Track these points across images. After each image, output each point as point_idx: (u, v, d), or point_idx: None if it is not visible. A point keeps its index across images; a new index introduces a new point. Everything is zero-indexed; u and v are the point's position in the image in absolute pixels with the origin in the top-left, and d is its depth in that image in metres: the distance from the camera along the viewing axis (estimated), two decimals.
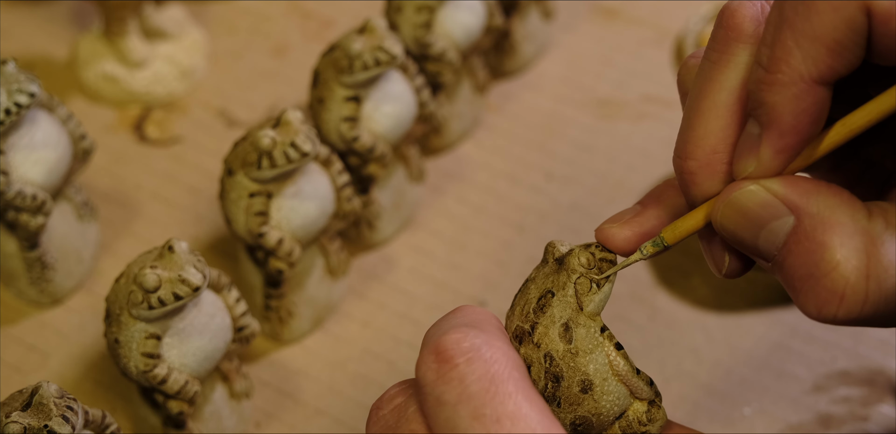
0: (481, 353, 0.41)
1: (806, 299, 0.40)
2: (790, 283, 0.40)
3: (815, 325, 0.66)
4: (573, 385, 0.44)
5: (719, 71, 0.42)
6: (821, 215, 0.40)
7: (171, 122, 0.76)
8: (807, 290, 0.40)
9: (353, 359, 0.65)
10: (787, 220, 0.40)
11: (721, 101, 0.41)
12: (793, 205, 0.40)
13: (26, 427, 0.49)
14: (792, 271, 0.40)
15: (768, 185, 0.41)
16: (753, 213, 0.41)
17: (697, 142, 0.42)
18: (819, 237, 0.39)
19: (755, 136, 0.40)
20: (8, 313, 0.66)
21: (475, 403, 0.40)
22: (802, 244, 0.39)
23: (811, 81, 0.39)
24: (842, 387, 0.64)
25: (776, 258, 0.40)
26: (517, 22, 0.76)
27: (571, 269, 0.44)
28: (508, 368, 0.41)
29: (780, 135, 0.40)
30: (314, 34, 0.81)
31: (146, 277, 0.53)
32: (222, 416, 0.60)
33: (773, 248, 0.40)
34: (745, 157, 0.41)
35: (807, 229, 0.40)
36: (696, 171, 0.42)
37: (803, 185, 0.40)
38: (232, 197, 0.61)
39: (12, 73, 0.60)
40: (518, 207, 0.72)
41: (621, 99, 0.77)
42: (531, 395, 0.41)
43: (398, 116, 0.66)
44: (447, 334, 0.42)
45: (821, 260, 0.39)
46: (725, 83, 0.41)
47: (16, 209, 0.61)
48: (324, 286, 0.66)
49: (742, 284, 0.68)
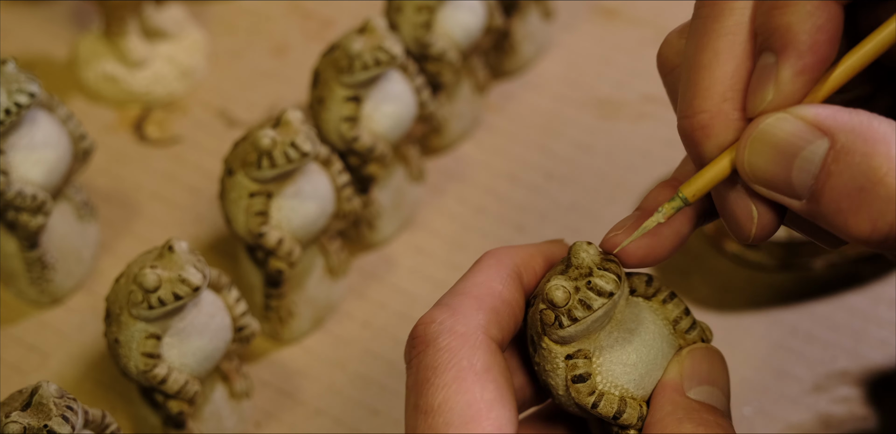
0: (438, 340, 0.41)
1: (858, 217, 0.37)
2: (835, 206, 0.38)
3: (815, 325, 0.66)
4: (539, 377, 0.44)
5: (715, 20, 0.40)
6: (857, 129, 0.37)
7: (171, 122, 0.76)
8: (857, 206, 0.37)
9: (353, 359, 0.65)
10: (820, 143, 0.38)
11: (723, 48, 0.40)
12: (825, 126, 0.38)
13: (26, 427, 0.49)
14: (835, 193, 0.37)
15: (795, 112, 0.38)
16: (784, 143, 0.38)
17: (704, 93, 0.40)
18: (861, 148, 0.37)
19: (770, 66, 0.39)
20: (8, 313, 0.66)
21: (415, 393, 0.41)
22: (843, 161, 0.37)
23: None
24: (842, 387, 0.64)
25: (813, 188, 0.38)
26: (517, 22, 0.76)
27: (544, 299, 0.42)
28: (457, 357, 0.41)
29: (799, 55, 0.38)
30: (314, 34, 0.81)
31: (146, 277, 0.53)
32: (222, 415, 0.60)
33: (808, 177, 0.38)
34: (762, 88, 0.39)
35: (846, 145, 0.37)
36: (708, 123, 0.40)
37: (830, 107, 0.38)
38: (232, 197, 0.61)
39: (12, 73, 0.60)
40: (518, 207, 0.72)
41: (621, 99, 0.77)
42: (473, 386, 0.41)
43: (398, 116, 0.66)
44: (428, 313, 0.43)
45: (868, 169, 0.37)
46: (723, 30, 0.40)
47: (16, 209, 0.61)
48: (324, 286, 0.66)
49: (742, 284, 0.68)
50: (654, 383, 0.43)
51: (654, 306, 0.44)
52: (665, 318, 0.44)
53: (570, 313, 0.41)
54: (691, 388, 0.43)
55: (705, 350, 0.44)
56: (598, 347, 0.42)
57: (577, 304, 0.41)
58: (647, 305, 0.44)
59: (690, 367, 0.43)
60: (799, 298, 0.67)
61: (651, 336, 0.43)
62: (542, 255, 0.46)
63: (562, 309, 0.41)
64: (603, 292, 0.41)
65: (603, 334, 0.42)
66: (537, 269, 0.45)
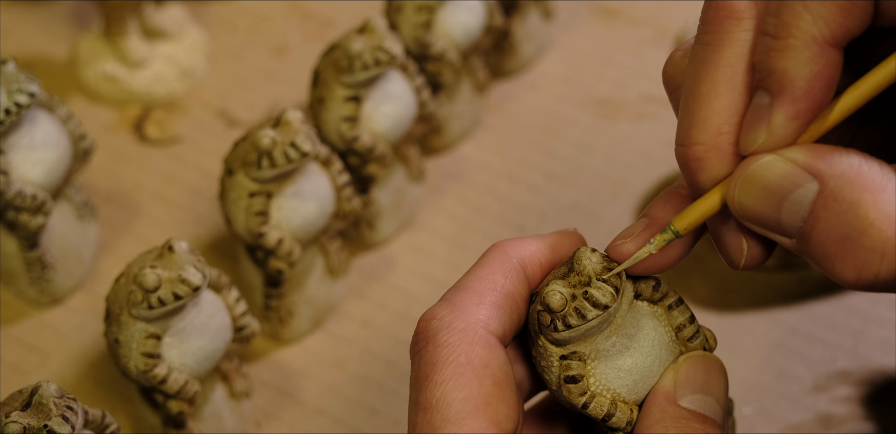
0: (438, 337, 0.42)
1: (843, 264, 0.37)
2: (823, 251, 0.38)
3: (815, 325, 0.66)
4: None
5: (715, 50, 0.40)
6: (847, 175, 0.37)
7: (171, 122, 0.76)
8: (843, 253, 0.37)
9: (353, 359, 0.65)
10: (810, 187, 0.38)
11: (721, 80, 0.40)
12: (815, 170, 0.38)
13: (26, 427, 0.49)
14: (823, 238, 0.38)
15: (786, 154, 0.38)
16: (774, 185, 0.38)
17: (701, 125, 0.40)
18: (849, 196, 0.37)
19: (765, 107, 0.39)
20: (8, 313, 0.66)
21: (416, 389, 0.41)
22: (831, 207, 0.37)
23: (824, 43, 0.38)
24: (842, 387, 0.64)
25: (802, 230, 0.38)
26: (517, 22, 0.76)
27: (542, 302, 0.42)
28: (455, 353, 0.41)
29: (793, 100, 0.38)
30: (314, 34, 0.81)
31: (146, 277, 0.53)
32: (222, 415, 0.60)
33: (797, 219, 0.38)
34: (755, 129, 0.39)
35: (834, 191, 0.37)
36: (702, 156, 0.40)
37: (821, 149, 0.38)
38: (232, 197, 0.61)
39: (12, 73, 0.60)
40: (518, 207, 0.72)
41: (621, 99, 0.77)
42: (470, 381, 0.41)
43: (398, 116, 0.66)
44: (430, 309, 0.43)
45: (854, 218, 0.37)
46: (723, 61, 0.40)
47: (16, 209, 0.61)
48: (324, 286, 0.66)
49: (742, 284, 0.68)
50: (649, 389, 0.43)
51: (659, 312, 0.44)
52: (668, 324, 0.44)
53: (566, 319, 0.41)
54: (684, 396, 0.43)
55: (702, 358, 0.44)
56: (594, 351, 0.42)
57: (573, 311, 0.41)
58: (650, 311, 0.44)
59: (685, 375, 0.43)
60: (799, 298, 0.67)
61: (650, 342, 0.43)
62: (550, 246, 0.46)
63: (558, 314, 0.41)
64: (598, 304, 0.41)
65: (600, 338, 0.42)
66: (543, 262, 0.45)
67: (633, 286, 0.43)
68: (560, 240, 0.46)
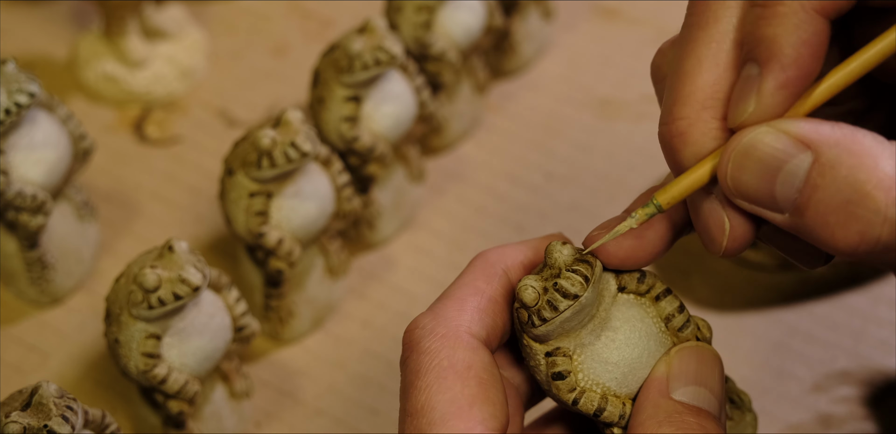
0: (420, 344, 0.42)
1: (846, 229, 0.37)
2: (822, 220, 0.37)
3: (815, 325, 0.66)
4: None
5: (700, 28, 0.40)
6: (842, 143, 0.37)
7: (171, 122, 0.76)
8: (844, 219, 0.37)
9: (353, 359, 0.65)
10: (803, 157, 0.37)
11: (706, 56, 0.39)
12: (808, 140, 0.37)
13: (26, 427, 0.49)
14: (821, 207, 0.37)
15: (778, 126, 0.38)
16: (768, 157, 0.38)
17: (684, 100, 0.39)
18: (847, 161, 0.37)
19: (753, 78, 0.38)
20: (8, 313, 0.67)
21: (403, 397, 0.42)
22: (829, 175, 0.37)
23: (812, 11, 0.37)
24: (842, 387, 0.64)
25: (797, 201, 0.38)
26: (517, 22, 0.76)
27: (517, 298, 0.42)
28: (437, 358, 0.41)
29: (782, 68, 0.38)
30: (314, 34, 0.81)
31: (146, 277, 0.53)
32: (222, 415, 0.60)
33: (792, 191, 0.38)
34: (744, 100, 0.38)
35: (830, 159, 0.37)
36: (685, 130, 0.39)
37: (812, 121, 0.38)
38: (232, 197, 0.61)
39: (12, 73, 0.60)
40: (518, 207, 0.72)
41: (621, 99, 0.77)
42: (454, 384, 0.41)
43: (398, 116, 0.66)
44: (414, 320, 0.43)
45: (855, 182, 0.36)
46: (708, 39, 0.39)
47: (16, 209, 0.61)
48: (324, 286, 0.66)
49: (742, 284, 0.68)
50: (641, 382, 0.43)
51: (647, 303, 0.44)
52: (657, 315, 0.44)
53: (540, 313, 0.41)
54: (677, 388, 0.42)
55: (695, 349, 0.43)
56: (578, 345, 0.42)
57: (546, 304, 0.41)
58: (637, 303, 0.44)
59: (677, 366, 0.43)
60: (799, 298, 0.67)
61: (637, 334, 0.43)
62: (534, 250, 0.45)
63: (532, 308, 0.41)
64: (568, 294, 0.41)
65: (584, 332, 0.42)
66: (527, 265, 0.45)
67: (616, 279, 0.43)
68: (544, 243, 0.46)
